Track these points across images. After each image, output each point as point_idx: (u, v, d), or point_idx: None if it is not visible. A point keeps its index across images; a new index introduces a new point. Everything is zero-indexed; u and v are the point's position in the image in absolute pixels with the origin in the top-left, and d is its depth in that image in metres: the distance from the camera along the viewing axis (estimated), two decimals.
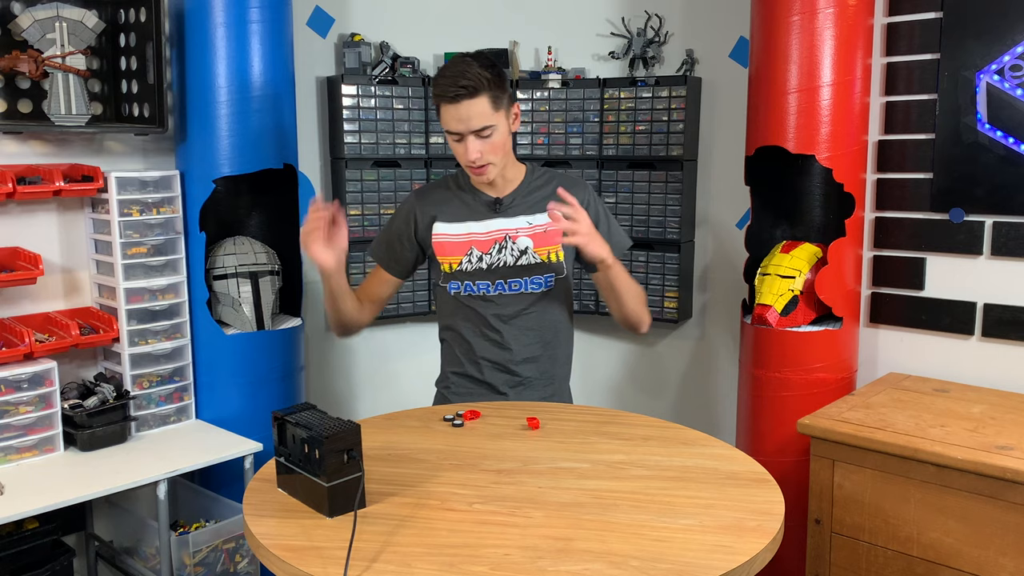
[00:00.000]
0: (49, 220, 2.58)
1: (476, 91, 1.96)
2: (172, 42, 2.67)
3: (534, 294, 2.15)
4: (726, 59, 3.09)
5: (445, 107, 1.99)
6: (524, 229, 2.14)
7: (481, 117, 1.98)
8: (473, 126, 1.99)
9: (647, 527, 1.46)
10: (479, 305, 2.16)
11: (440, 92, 1.99)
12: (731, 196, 3.11)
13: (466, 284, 2.15)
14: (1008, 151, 2.50)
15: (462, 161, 2.06)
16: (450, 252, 2.15)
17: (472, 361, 2.19)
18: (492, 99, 1.99)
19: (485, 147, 2.01)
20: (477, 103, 1.97)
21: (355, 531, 1.42)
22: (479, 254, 2.14)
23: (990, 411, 2.35)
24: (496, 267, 2.14)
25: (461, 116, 1.98)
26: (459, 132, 2.00)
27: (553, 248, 2.15)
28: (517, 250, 2.13)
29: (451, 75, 1.97)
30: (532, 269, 2.14)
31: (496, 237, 2.14)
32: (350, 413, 3.34)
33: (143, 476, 2.30)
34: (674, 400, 3.37)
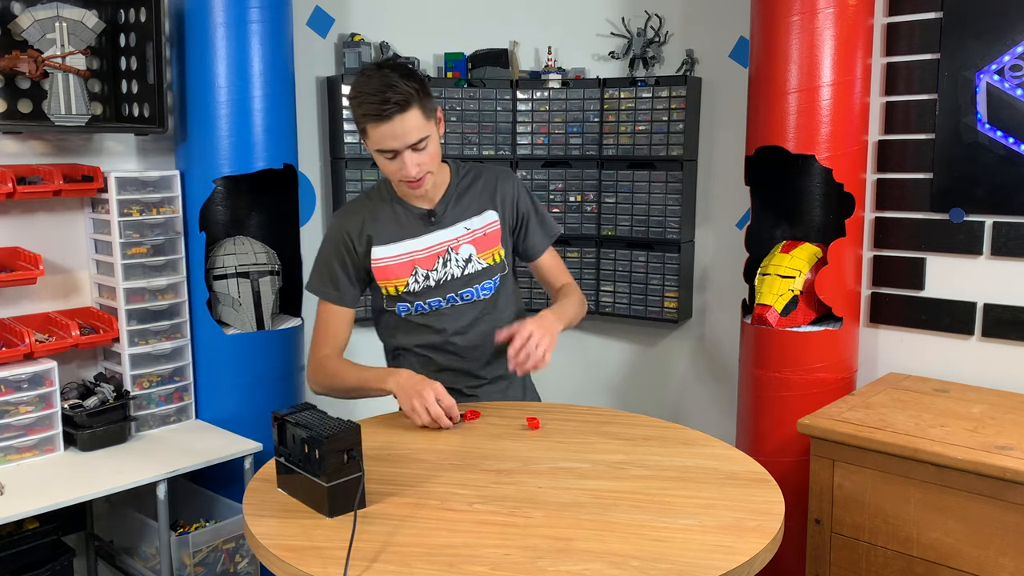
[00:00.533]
0: (49, 220, 2.58)
1: (407, 104, 1.84)
2: (172, 42, 2.67)
3: (485, 299, 2.11)
4: (726, 59, 3.09)
5: (375, 127, 1.86)
6: (464, 236, 2.08)
7: (417, 130, 1.87)
8: (410, 140, 1.87)
9: (647, 527, 1.46)
10: (433, 320, 2.10)
11: (368, 112, 1.86)
12: (731, 196, 3.11)
13: (416, 304, 2.08)
14: (1008, 151, 2.50)
15: (397, 178, 1.95)
16: (393, 275, 2.06)
17: (433, 372, 2.10)
18: (423, 109, 1.88)
19: (423, 159, 1.91)
20: (410, 116, 1.85)
21: (355, 531, 1.42)
22: (424, 272, 2.06)
23: (990, 411, 2.35)
24: (444, 282, 2.07)
25: (396, 133, 1.86)
26: (395, 149, 1.89)
27: (495, 249, 2.11)
28: (462, 260, 2.08)
29: (376, 91, 1.84)
30: (480, 276, 2.09)
31: (438, 251, 2.06)
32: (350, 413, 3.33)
33: (143, 476, 2.30)
34: (674, 400, 3.37)
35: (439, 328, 2.10)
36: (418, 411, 1.88)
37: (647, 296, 3.25)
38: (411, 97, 1.85)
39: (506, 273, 2.15)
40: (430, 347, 2.12)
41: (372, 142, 1.91)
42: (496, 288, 2.13)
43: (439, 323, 2.10)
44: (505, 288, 2.15)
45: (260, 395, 2.72)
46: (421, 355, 2.14)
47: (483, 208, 2.10)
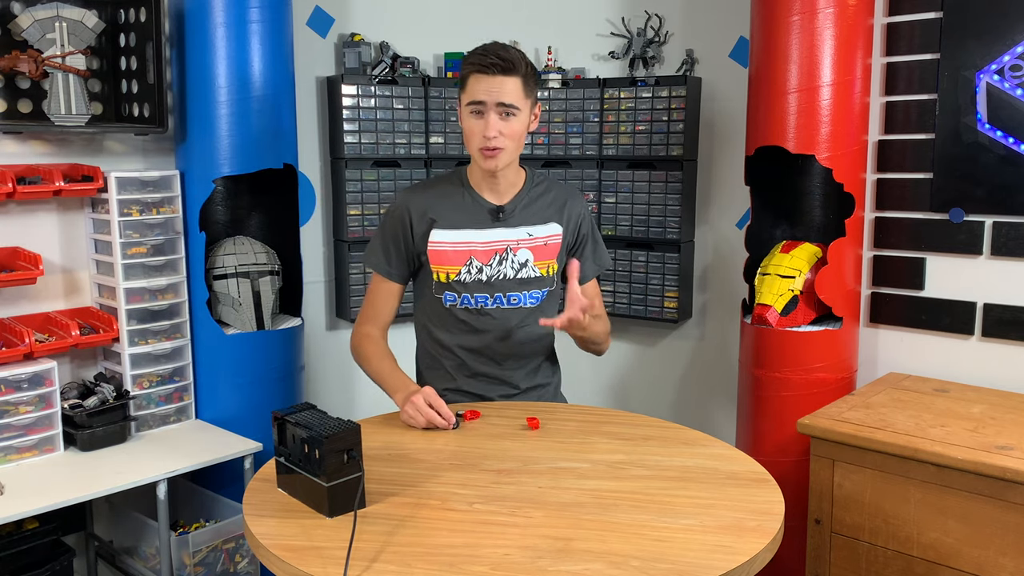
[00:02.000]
0: (49, 220, 2.58)
1: (513, 69, 1.92)
2: (172, 42, 2.67)
3: (530, 308, 2.10)
4: (726, 59, 3.09)
5: (476, 77, 1.93)
6: (525, 241, 2.08)
7: (511, 95, 1.93)
8: (502, 99, 1.92)
9: (647, 527, 1.46)
10: (475, 320, 2.09)
11: (475, 61, 1.93)
12: (731, 196, 3.11)
13: (463, 296, 2.07)
14: (1008, 151, 2.50)
15: (475, 140, 1.97)
16: (447, 261, 2.06)
17: (467, 377, 2.13)
18: (524, 84, 1.95)
19: (504, 128, 1.94)
20: (510, 80, 1.92)
21: (355, 531, 1.42)
22: (479, 265, 2.06)
23: (990, 411, 2.35)
24: (496, 280, 2.07)
25: (492, 87, 1.92)
26: (483, 102, 1.93)
27: (550, 262, 2.10)
28: (517, 263, 2.07)
29: (491, 49, 1.94)
30: (531, 283, 2.09)
31: (497, 248, 2.07)
32: (350, 413, 3.34)
33: (143, 476, 2.30)
34: (674, 400, 3.37)
35: (480, 329, 2.09)
36: (412, 415, 1.93)
37: (647, 296, 3.25)
38: (518, 66, 1.94)
39: (553, 289, 2.14)
40: (468, 350, 2.12)
41: (467, 94, 1.96)
42: (541, 301, 2.12)
43: (481, 324, 2.09)
44: (550, 304, 2.14)
45: (260, 395, 2.72)
46: (457, 358, 2.13)
47: (549, 219, 2.10)
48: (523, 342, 2.12)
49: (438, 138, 3.24)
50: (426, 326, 2.17)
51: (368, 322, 2.15)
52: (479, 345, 2.11)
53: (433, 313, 2.14)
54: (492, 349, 2.11)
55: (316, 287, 3.25)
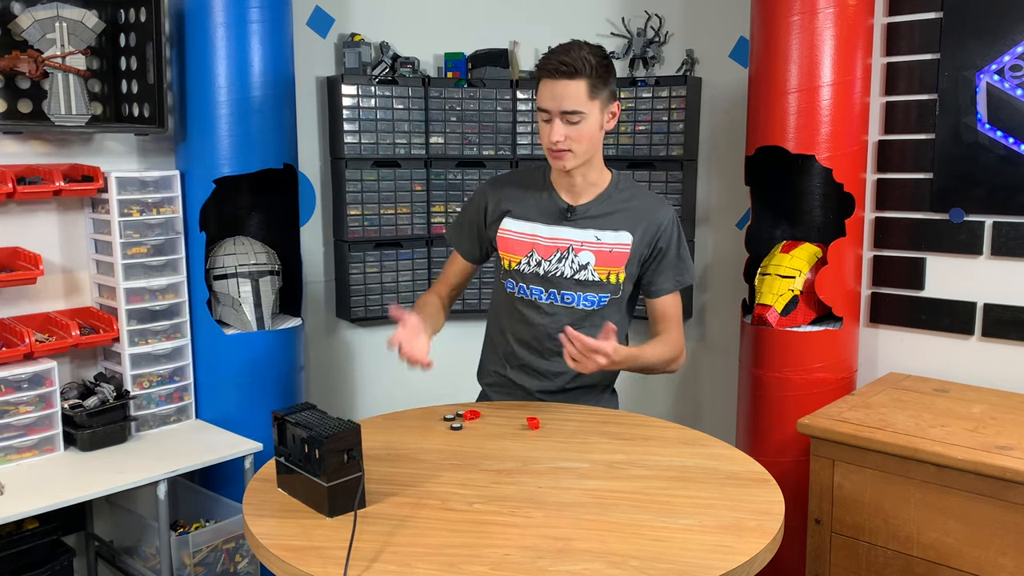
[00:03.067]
0: (49, 220, 2.58)
1: (575, 73, 1.91)
2: (172, 42, 2.67)
3: (585, 310, 2.10)
4: (726, 59, 3.09)
5: (543, 82, 1.95)
6: (590, 244, 2.07)
7: (573, 100, 1.92)
8: (564, 106, 1.92)
9: (647, 527, 1.46)
10: (530, 311, 2.12)
11: (541, 66, 1.95)
12: (731, 196, 3.11)
13: (520, 286, 2.12)
14: (1008, 151, 2.50)
15: (545, 143, 1.99)
16: (512, 249, 2.12)
17: (514, 367, 2.16)
18: (590, 86, 1.93)
19: (571, 132, 1.95)
20: (573, 85, 1.91)
21: (355, 531, 1.42)
22: (539, 258, 2.09)
23: (990, 411, 2.35)
24: (552, 276, 2.08)
25: (555, 94, 1.93)
26: (548, 110, 1.95)
27: (615, 269, 2.08)
28: (577, 263, 2.07)
29: (558, 52, 1.94)
30: (588, 286, 2.08)
31: (560, 246, 2.08)
32: (350, 413, 3.34)
33: (143, 476, 2.30)
34: (674, 400, 3.37)
35: (533, 322, 2.12)
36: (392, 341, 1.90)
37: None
38: (582, 69, 1.91)
39: (618, 297, 2.11)
40: (520, 340, 2.15)
41: (537, 98, 1.99)
42: (600, 306, 2.10)
43: (535, 317, 2.12)
44: (609, 311, 2.11)
45: (260, 395, 2.72)
46: (509, 345, 2.17)
47: (621, 227, 2.08)
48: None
49: (438, 138, 3.24)
50: (494, 308, 2.25)
51: (438, 284, 2.26)
52: (529, 337, 2.13)
53: (499, 297, 2.21)
54: (541, 344, 2.12)
55: (316, 287, 3.25)
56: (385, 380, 3.40)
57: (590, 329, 2.09)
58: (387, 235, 3.22)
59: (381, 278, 3.24)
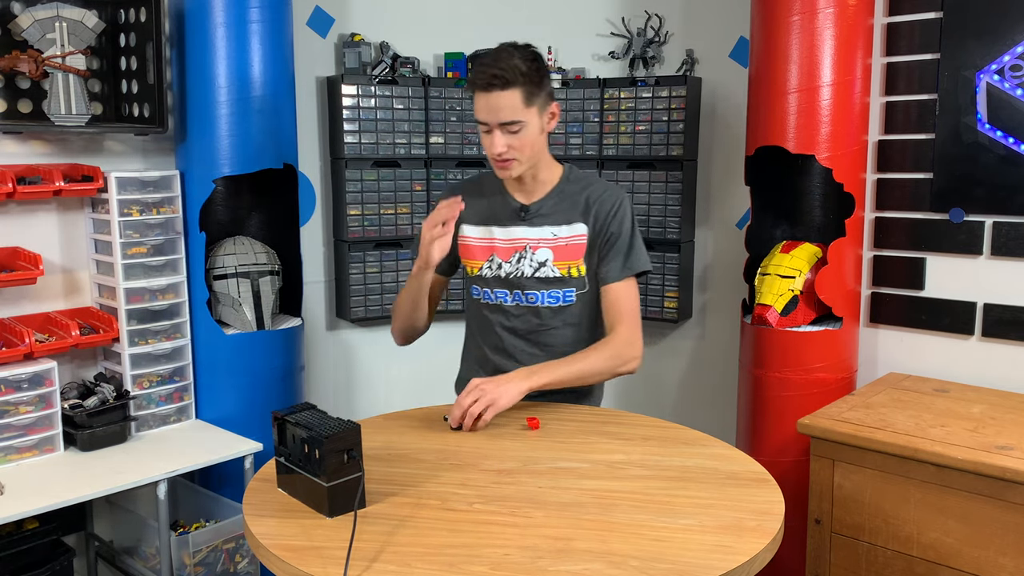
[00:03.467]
0: (49, 220, 2.58)
1: (509, 83, 1.89)
2: (172, 42, 2.67)
3: (550, 308, 2.09)
4: (726, 59, 3.09)
5: (477, 95, 1.94)
6: (546, 240, 2.07)
7: (510, 111, 1.91)
8: (501, 118, 1.92)
9: (647, 527, 1.46)
10: (496, 315, 2.12)
11: (473, 79, 1.94)
12: (731, 196, 3.11)
13: (485, 291, 2.12)
14: (1008, 151, 2.50)
15: (488, 153, 1.99)
16: (473, 255, 2.12)
17: (488, 372, 2.12)
18: (525, 94, 1.91)
19: (512, 141, 1.94)
20: (508, 95, 1.90)
21: (355, 531, 1.42)
22: (499, 261, 2.09)
23: (990, 411, 2.35)
24: (513, 277, 2.08)
25: (490, 106, 1.91)
26: (487, 123, 1.94)
27: (574, 263, 2.07)
28: (536, 261, 2.07)
29: (487, 64, 1.91)
30: (550, 283, 2.07)
31: (517, 246, 2.08)
32: (350, 413, 3.34)
33: (143, 476, 2.30)
34: (674, 400, 3.37)
35: (502, 326, 2.12)
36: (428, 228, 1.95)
37: (647, 296, 3.25)
38: (515, 78, 1.89)
39: (584, 291, 2.09)
40: (490, 346, 2.15)
41: (475, 110, 1.97)
42: (564, 302, 2.09)
43: (503, 320, 2.12)
44: (582, 307, 2.10)
45: (260, 395, 2.72)
46: (482, 350, 2.16)
47: (575, 219, 2.06)
48: (546, 344, 2.10)
49: (438, 138, 3.24)
50: (468, 316, 2.24)
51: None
52: (500, 342, 2.13)
53: (469, 306, 2.21)
54: (513, 346, 2.12)
55: (316, 287, 3.25)
56: (385, 380, 3.40)
57: (562, 328, 2.10)
58: (387, 235, 3.22)
59: (381, 278, 3.24)
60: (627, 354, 2.02)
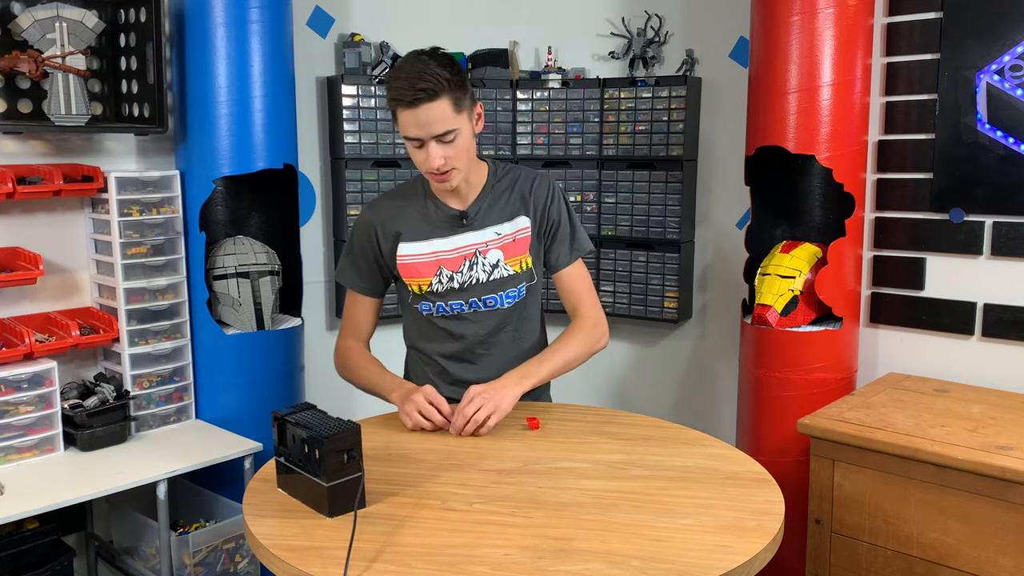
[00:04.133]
0: (49, 220, 2.58)
1: (436, 94, 1.80)
2: (172, 42, 2.67)
3: (509, 307, 2.07)
4: (726, 59, 3.09)
5: (402, 112, 1.84)
6: (493, 241, 2.03)
7: (442, 121, 1.83)
8: (434, 131, 1.84)
9: (647, 527, 1.46)
10: (454, 325, 2.07)
11: (396, 96, 1.83)
12: (731, 196, 3.11)
13: (438, 305, 2.06)
14: (1008, 151, 2.50)
15: (423, 169, 1.92)
16: (418, 273, 2.03)
17: (447, 385, 2.10)
18: (453, 101, 1.83)
19: (449, 152, 1.87)
20: (437, 106, 1.81)
21: (355, 531, 1.42)
22: (449, 273, 2.03)
23: (990, 411, 2.35)
24: (469, 285, 2.03)
25: (420, 121, 1.83)
26: (419, 138, 1.86)
27: (523, 256, 2.05)
28: (488, 265, 2.03)
29: (407, 77, 1.81)
30: (505, 283, 2.05)
31: (465, 253, 2.02)
32: (350, 413, 3.33)
33: (143, 476, 2.30)
34: (674, 400, 3.37)
35: (459, 334, 2.07)
36: (409, 413, 1.91)
37: (647, 296, 3.25)
38: (441, 87, 1.81)
39: (533, 283, 2.09)
40: (448, 356, 2.10)
41: (400, 127, 1.89)
42: (521, 298, 2.08)
43: (459, 329, 2.07)
44: (532, 299, 2.11)
45: (260, 395, 2.72)
46: (438, 364, 2.11)
47: (515, 213, 2.05)
48: (505, 344, 2.09)
49: None
50: (409, 335, 2.18)
51: (349, 336, 2.14)
52: (459, 350, 2.09)
53: (414, 322, 2.14)
54: (473, 353, 2.08)
55: (316, 287, 3.25)
56: None
57: (518, 323, 2.09)
58: None
59: None
60: (598, 333, 2.08)
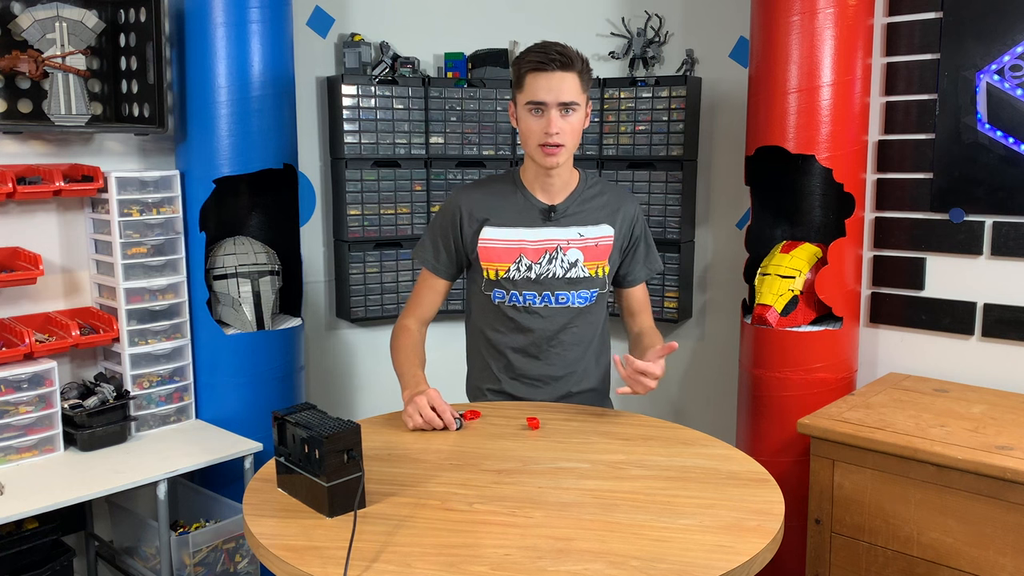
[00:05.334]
0: (49, 220, 2.58)
1: (571, 65, 1.94)
2: (172, 42, 2.67)
3: (579, 308, 2.11)
4: (726, 59, 3.09)
5: (534, 75, 1.95)
6: (575, 241, 2.09)
7: (571, 91, 1.95)
8: (563, 97, 1.94)
9: (647, 527, 1.46)
10: (523, 317, 2.11)
11: (534, 59, 1.95)
12: (731, 196, 3.11)
13: (512, 294, 2.10)
14: (1008, 151, 2.50)
15: (535, 138, 1.98)
16: (497, 258, 2.09)
17: (512, 379, 2.14)
18: (582, 80, 1.97)
19: (565, 127, 1.96)
20: (570, 77, 1.95)
21: (355, 531, 1.42)
22: (528, 263, 2.08)
23: (990, 411, 2.35)
24: (545, 278, 2.08)
25: (552, 85, 1.93)
26: (544, 102, 1.94)
27: (601, 263, 2.10)
28: (567, 262, 2.08)
29: (547, 47, 1.95)
30: (580, 283, 2.09)
31: (547, 247, 2.08)
32: (350, 413, 3.34)
33: (143, 476, 2.30)
34: (674, 400, 3.37)
35: (527, 327, 2.11)
36: (411, 415, 1.92)
37: None
38: (575, 62, 1.96)
39: (604, 291, 2.14)
40: (515, 349, 2.13)
41: (526, 94, 1.97)
42: (591, 302, 2.12)
43: (529, 322, 2.11)
44: (600, 307, 2.16)
45: (260, 395, 2.72)
46: (504, 358, 2.14)
47: (601, 221, 2.11)
48: (571, 344, 2.13)
49: (438, 138, 3.24)
50: (477, 325, 2.20)
51: (410, 315, 2.19)
52: (526, 344, 2.12)
53: (483, 311, 2.17)
54: (539, 348, 2.12)
55: (316, 287, 3.25)
56: (385, 380, 3.39)
57: (583, 327, 2.13)
58: (387, 235, 3.22)
59: (381, 278, 3.24)
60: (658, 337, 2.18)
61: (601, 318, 2.18)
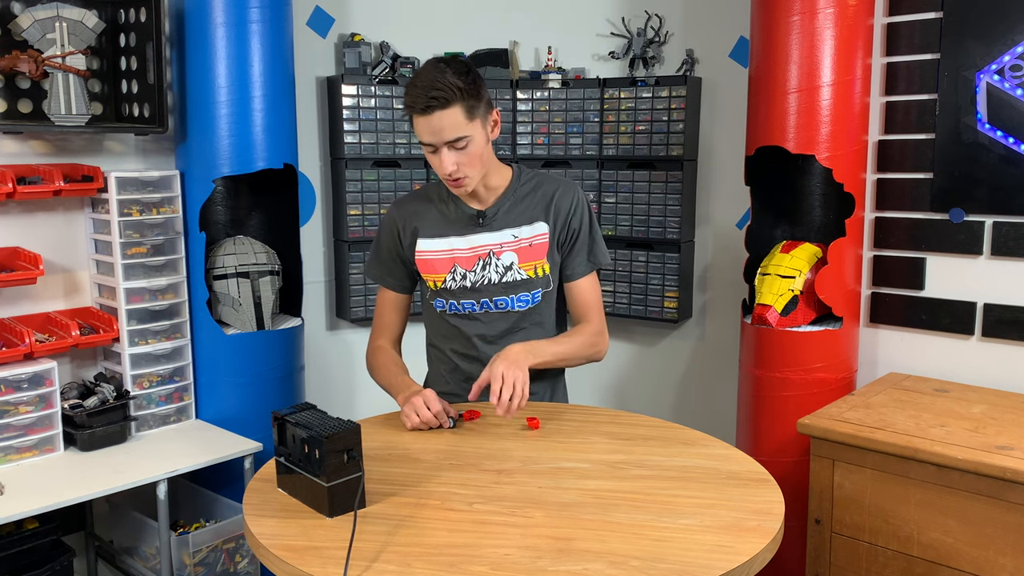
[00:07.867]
0: (49, 220, 2.58)
1: (448, 101, 1.84)
2: (172, 42, 2.67)
3: (520, 312, 2.08)
4: (726, 59, 3.09)
5: (416, 118, 1.88)
6: (509, 243, 2.05)
7: (454, 128, 1.87)
8: (446, 137, 1.87)
9: (647, 527, 1.46)
10: (465, 324, 2.10)
11: (411, 103, 1.88)
12: (731, 196, 3.11)
13: (451, 303, 2.09)
14: (1008, 151, 2.50)
15: (439, 173, 1.96)
16: (434, 269, 2.07)
17: (459, 382, 2.13)
18: (466, 109, 1.87)
19: (461, 159, 1.91)
20: (449, 114, 1.85)
21: (355, 531, 1.42)
22: (463, 271, 2.06)
23: (990, 411, 2.35)
24: (480, 285, 2.06)
25: (433, 128, 1.87)
26: (432, 144, 1.90)
27: (539, 262, 2.06)
28: (502, 266, 2.05)
29: (422, 85, 1.86)
30: (518, 286, 2.06)
31: (480, 253, 2.05)
32: (350, 413, 3.34)
33: (143, 476, 2.30)
34: (674, 400, 3.37)
35: (468, 334, 2.10)
36: (408, 414, 1.92)
37: (647, 296, 3.25)
38: (453, 95, 1.85)
39: (549, 290, 2.10)
40: (459, 354, 2.12)
41: (416, 133, 1.93)
42: (535, 304, 2.09)
43: (470, 328, 2.09)
44: (548, 305, 2.11)
45: (260, 395, 2.72)
46: (451, 361, 2.14)
47: (535, 218, 2.06)
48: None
49: None
50: (427, 331, 2.21)
51: (379, 336, 2.18)
52: (468, 348, 2.11)
53: (430, 318, 2.18)
54: (483, 352, 2.09)
55: (316, 287, 3.25)
56: None
57: (531, 328, 2.10)
58: None
59: None
60: (600, 343, 2.11)
61: (551, 317, 2.13)
